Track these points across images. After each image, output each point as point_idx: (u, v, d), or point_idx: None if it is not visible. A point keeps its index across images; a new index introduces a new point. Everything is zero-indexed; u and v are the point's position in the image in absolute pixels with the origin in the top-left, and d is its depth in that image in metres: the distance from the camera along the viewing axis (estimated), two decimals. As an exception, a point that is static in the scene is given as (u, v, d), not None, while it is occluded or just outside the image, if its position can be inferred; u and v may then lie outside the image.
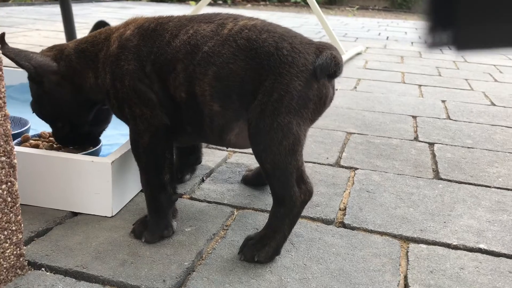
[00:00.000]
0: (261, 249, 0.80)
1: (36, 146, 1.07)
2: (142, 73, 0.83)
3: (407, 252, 0.87)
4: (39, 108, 0.98)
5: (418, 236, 0.91)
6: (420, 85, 2.29)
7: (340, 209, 1.01)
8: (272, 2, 9.54)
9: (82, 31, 3.31)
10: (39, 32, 3.33)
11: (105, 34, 0.91)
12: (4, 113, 0.68)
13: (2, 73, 0.67)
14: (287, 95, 0.76)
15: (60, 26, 3.50)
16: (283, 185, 0.79)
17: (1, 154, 0.68)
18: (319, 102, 0.80)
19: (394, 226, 0.95)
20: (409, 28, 5.31)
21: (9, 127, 0.69)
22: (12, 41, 2.84)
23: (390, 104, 1.91)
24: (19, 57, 0.90)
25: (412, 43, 3.93)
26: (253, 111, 0.78)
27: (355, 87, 2.17)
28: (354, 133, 1.51)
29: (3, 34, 0.89)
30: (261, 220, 0.94)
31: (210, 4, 6.41)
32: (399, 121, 1.67)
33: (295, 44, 0.79)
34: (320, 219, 0.96)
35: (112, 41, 0.87)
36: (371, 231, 0.93)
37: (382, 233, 0.92)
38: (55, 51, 0.95)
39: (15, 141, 1.08)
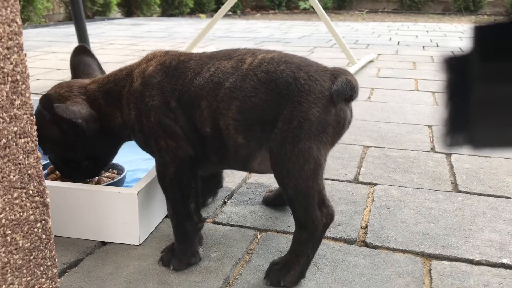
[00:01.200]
0: (287, 273, 0.82)
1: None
2: (167, 108, 0.86)
3: (430, 269, 0.88)
4: (60, 152, 0.98)
5: (440, 252, 0.93)
6: (434, 92, 2.30)
7: (361, 227, 1.03)
8: (281, 10, 9.59)
9: (97, 51, 3.37)
10: (56, 54, 3.40)
11: (126, 71, 0.94)
12: (36, 155, 0.71)
13: (34, 117, 0.70)
14: (306, 121, 0.78)
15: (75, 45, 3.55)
16: (306, 210, 0.81)
17: (35, 194, 0.71)
18: (338, 126, 0.82)
19: (415, 243, 0.96)
20: (419, 31, 5.30)
21: (41, 168, 0.72)
22: (30, 66, 2.91)
23: (405, 114, 1.92)
24: (71, 115, 0.89)
25: (423, 47, 3.92)
26: (274, 139, 0.80)
27: (369, 97, 2.19)
28: (371, 147, 1.52)
29: (51, 97, 0.90)
30: (284, 242, 0.96)
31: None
32: (415, 132, 1.68)
33: (311, 73, 0.82)
34: (343, 239, 0.98)
35: (135, 77, 0.90)
36: (394, 249, 0.94)
37: (404, 251, 0.94)
38: (84, 97, 0.95)
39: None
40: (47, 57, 3.28)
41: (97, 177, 1.15)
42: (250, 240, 0.98)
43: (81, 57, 1.10)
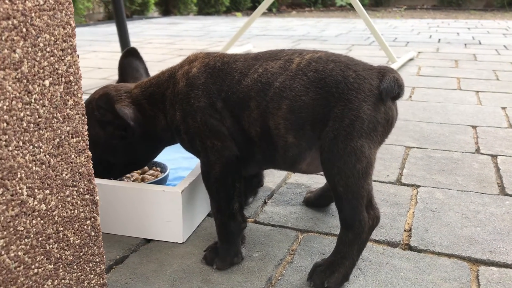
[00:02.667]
0: (331, 275, 0.81)
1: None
2: (213, 109, 0.86)
3: (478, 275, 0.86)
4: (102, 154, 0.98)
5: (488, 258, 0.90)
6: (477, 91, 2.23)
7: (405, 230, 1.01)
8: (317, 7, 9.52)
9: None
10: (96, 53, 3.48)
11: (169, 73, 0.95)
12: (87, 154, 0.73)
13: (85, 117, 0.72)
14: (358, 119, 0.78)
15: (115, 46, 3.65)
16: (354, 209, 0.80)
17: (85, 193, 0.73)
18: (387, 124, 0.82)
19: (461, 248, 0.94)
20: (461, 28, 5.17)
21: (91, 166, 0.74)
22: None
23: (447, 113, 1.87)
24: (126, 117, 0.91)
25: (465, 44, 3.82)
26: (325, 137, 0.80)
27: (410, 97, 2.15)
28: (413, 147, 1.50)
29: (111, 96, 0.91)
30: (326, 244, 0.96)
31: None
32: (459, 132, 1.64)
33: (359, 71, 0.81)
34: (386, 241, 0.97)
35: (178, 79, 0.91)
36: (439, 254, 0.92)
37: (450, 255, 0.91)
38: (128, 100, 0.95)
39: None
40: (88, 56, 3.36)
41: (141, 175, 1.17)
42: (292, 240, 0.97)
43: (130, 60, 1.12)
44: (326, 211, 1.10)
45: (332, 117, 0.80)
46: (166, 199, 0.94)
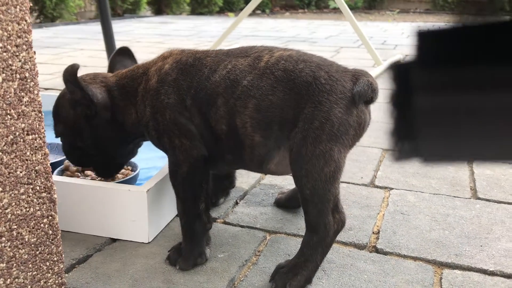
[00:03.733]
0: (293, 278, 0.81)
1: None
2: (182, 106, 0.86)
3: (441, 278, 0.85)
4: (71, 137, 0.98)
5: (453, 261, 0.90)
6: (460, 95, 2.24)
7: (373, 232, 1.01)
8: (310, 9, 9.54)
9: (124, 49, 3.42)
10: (83, 51, 3.46)
11: (143, 69, 0.94)
12: (44, 152, 0.72)
13: (42, 114, 0.71)
14: (328, 122, 0.77)
15: (103, 44, 3.63)
16: (319, 213, 0.80)
17: (42, 190, 0.72)
18: (359, 128, 0.81)
19: (428, 251, 0.93)
20: (450, 32, 5.18)
21: (48, 164, 0.73)
22: (58, 62, 2.98)
23: (428, 117, 1.87)
24: (90, 92, 0.90)
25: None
26: (294, 138, 0.79)
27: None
28: (390, 150, 1.49)
29: (76, 67, 0.89)
30: (293, 245, 0.95)
31: (249, 15, 6.48)
32: (437, 135, 1.64)
33: (331, 73, 0.80)
34: (353, 243, 0.96)
35: (151, 75, 0.90)
36: (404, 256, 0.92)
37: (415, 258, 0.91)
38: (102, 85, 0.95)
39: (58, 169, 1.13)
40: (74, 54, 3.34)
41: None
42: (259, 241, 0.97)
43: (122, 58, 1.11)
44: (297, 212, 1.09)
45: (302, 118, 0.79)
46: (132, 198, 0.94)
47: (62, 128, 0.98)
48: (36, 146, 0.70)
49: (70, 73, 0.89)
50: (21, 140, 0.68)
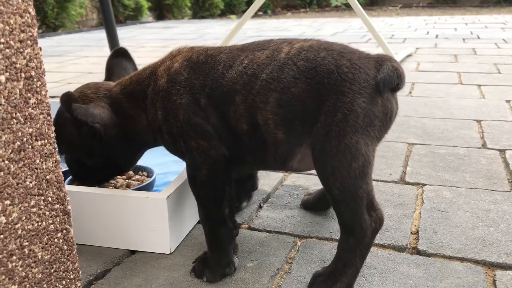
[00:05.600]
0: (332, 286, 0.73)
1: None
2: (196, 106, 0.79)
3: (494, 281, 0.78)
4: (76, 154, 0.93)
5: (505, 261, 0.82)
6: (479, 85, 2.16)
7: (412, 233, 0.93)
8: (312, 8, 9.46)
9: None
10: (87, 59, 3.40)
11: (150, 69, 0.87)
12: (55, 159, 0.65)
13: (51, 117, 0.64)
14: (352, 113, 0.70)
15: (107, 51, 3.58)
16: (353, 213, 0.73)
17: (55, 202, 0.65)
18: (385, 118, 0.74)
19: (475, 250, 0.86)
20: (458, 24, 5.10)
21: (60, 173, 0.66)
22: (62, 70, 2.92)
23: (450, 108, 1.80)
24: (86, 117, 0.83)
25: (464, 39, 3.75)
26: (316, 134, 0.72)
27: (410, 92, 2.07)
28: (416, 144, 1.42)
29: (70, 95, 0.83)
30: (327, 250, 0.88)
31: (251, 17, 6.42)
32: (463, 127, 1.56)
33: (354, 60, 0.73)
34: (392, 246, 0.89)
35: (160, 75, 0.84)
36: (450, 257, 0.84)
37: (462, 259, 0.83)
38: (107, 100, 0.89)
39: (69, 178, 1.06)
40: (79, 62, 3.28)
41: (126, 181, 1.09)
42: (289, 248, 0.89)
43: (119, 60, 1.04)
44: (326, 214, 1.02)
45: (324, 111, 0.72)
46: (150, 206, 0.86)
47: (67, 147, 0.92)
48: (46, 153, 0.63)
49: (67, 103, 0.81)
50: (29, 146, 0.61)
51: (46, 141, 0.63)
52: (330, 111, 0.71)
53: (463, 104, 1.85)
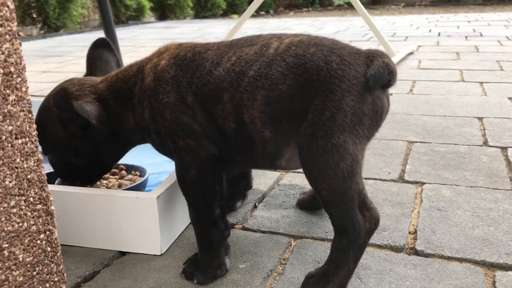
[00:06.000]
0: (324, 287, 0.71)
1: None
2: (183, 105, 0.76)
3: (494, 282, 0.75)
4: (61, 154, 0.90)
5: (505, 261, 0.80)
6: (481, 82, 2.13)
7: (410, 232, 0.90)
8: (315, 8, 9.43)
9: (129, 53, 3.34)
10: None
11: (137, 66, 0.85)
12: (37, 157, 0.63)
13: (32, 115, 0.62)
14: (339, 112, 0.68)
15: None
16: (344, 213, 0.70)
17: (37, 202, 0.63)
18: (375, 117, 0.72)
19: (474, 251, 0.83)
20: (461, 22, 5.06)
21: (43, 172, 0.64)
22: (63, 70, 2.90)
23: (451, 106, 1.77)
24: (87, 115, 0.80)
25: (466, 37, 3.71)
26: (303, 134, 0.70)
27: (411, 90, 2.04)
28: (416, 142, 1.39)
29: (67, 91, 0.81)
30: (321, 251, 0.86)
31: (252, 16, 6.40)
32: (464, 125, 1.54)
33: (344, 56, 0.71)
34: (389, 246, 0.86)
35: (147, 73, 0.81)
36: (449, 258, 0.82)
37: (461, 260, 0.81)
38: (93, 96, 0.85)
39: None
40: (79, 62, 3.26)
41: (118, 181, 1.07)
42: (284, 248, 0.87)
43: (100, 52, 1.01)
44: (322, 214, 0.99)
45: (312, 110, 0.70)
46: (141, 206, 0.84)
47: (51, 147, 0.90)
48: (27, 152, 0.61)
49: (62, 99, 0.79)
50: (9, 145, 0.59)
51: (27, 139, 0.61)
52: (318, 110, 0.69)
53: (464, 102, 1.82)
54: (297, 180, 1.17)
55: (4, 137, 0.58)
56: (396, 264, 0.81)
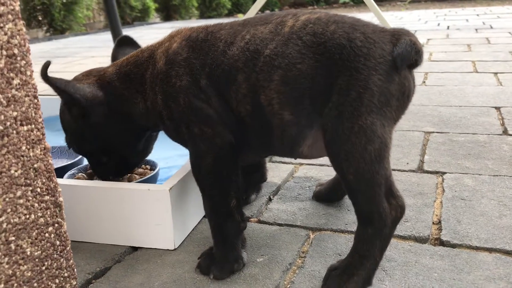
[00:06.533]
0: (349, 280, 0.67)
1: (91, 177, 1.00)
2: (197, 88, 0.73)
3: (527, 272, 0.71)
4: (79, 143, 0.89)
5: (537, 251, 0.75)
6: (496, 73, 2.08)
7: (433, 223, 0.86)
8: (320, 5, 9.39)
9: (135, 53, 3.31)
10: (94, 58, 3.37)
11: (148, 52, 0.82)
12: (44, 146, 0.59)
13: (38, 101, 0.59)
14: (366, 92, 0.64)
15: (113, 51, 3.51)
16: (371, 200, 0.66)
17: (44, 193, 0.60)
18: (402, 98, 0.68)
19: (504, 240, 0.79)
20: (469, 15, 5.00)
21: (50, 161, 0.60)
22: (69, 70, 2.88)
23: (466, 96, 1.72)
24: (68, 88, 0.80)
25: (476, 29, 3.66)
26: (328, 115, 0.66)
27: (424, 82, 2.00)
28: (433, 132, 1.35)
29: (48, 63, 0.79)
30: (342, 243, 0.82)
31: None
32: (481, 114, 1.49)
33: (368, 34, 0.67)
34: (413, 237, 0.82)
35: (158, 58, 0.78)
36: (477, 248, 0.78)
37: (490, 250, 0.77)
38: (95, 78, 0.85)
39: (69, 172, 1.01)
40: (85, 62, 3.24)
41: (128, 175, 1.03)
42: (302, 241, 0.83)
43: (124, 49, 0.99)
44: (340, 205, 0.95)
45: (336, 90, 0.66)
46: (153, 199, 0.81)
47: (68, 137, 0.89)
48: (33, 139, 0.58)
49: (43, 72, 0.77)
50: (14, 131, 0.55)
51: (33, 126, 0.58)
52: (342, 90, 0.65)
53: (480, 92, 1.77)
54: (312, 172, 1.13)
55: (8, 123, 0.55)
56: (421, 256, 0.77)
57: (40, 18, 5.67)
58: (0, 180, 0.54)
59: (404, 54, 0.65)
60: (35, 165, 0.58)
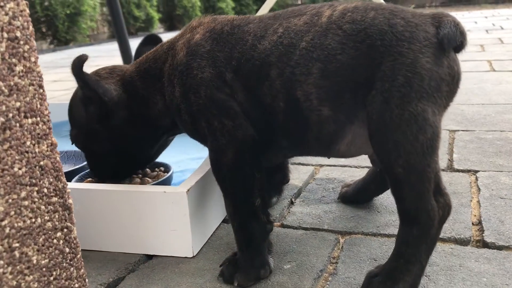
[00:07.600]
0: (393, 287, 0.60)
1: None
2: (220, 81, 0.68)
3: None
4: (88, 141, 0.83)
5: None
6: (514, 71, 2.01)
7: (473, 223, 0.79)
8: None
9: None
10: (99, 67, 3.32)
11: (168, 44, 0.77)
12: (51, 141, 0.53)
13: (44, 91, 0.52)
14: (415, 76, 0.58)
15: (119, 60, 3.51)
16: (419, 197, 0.60)
17: (52, 194, 0.53)
18: (452, 82, 0.62)
19: (555, 241, 0.72)
20: (477, 18, 4.95)
21: (58, 159, 0.54)
22: (73, 79, 2.83)
23: (487, 94, 1.65)
24: (98, 89, 0.76)
25: (487, 30, 3.60)
26: (372, 103, 0.60)
27: (440, 81, 1.93)
28: (458, 130, 1.28)
29: (84, 57, 0.76)
30: (376, 247, 0.75)
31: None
32: (506, 112, 1.42)
33: (408, 18, 0.62)
34: (453, 239, 0.75)
35: (179, 49, 0.73)
36: (526, 250, 0.71)
37: (541, 252, 0.70)
38: (118, 78, 0.80)
39: (76, 177, 0.95)
40: (89, 70, 3.19)
41: (141, 178, 0.97)
42: (332, 246, 0.76)
43: (149, 48, 0.93)
44: (369, 207, 0.88)
45: (379, 77, 0.60)
46: (169, 202, 0.74)
47: (76, 133, 0.83)
48: (38, 134, 0.52)
49: (77, 66, 0.75)
50: (17, 124, 0.49)
51: (39, 119, 0.52)
52: (387, 76, 0.59)
53: (501, 90, 1.70)
54: (335, 174, 1.06)
55: (11, 115, 0.48)
56: (465, 259, 0.70)
57: (44, 30, 5.66)
58: (2, 179, 0.48)
59: (450, 34, 0.60)
60: (41, 163, 0.52)
